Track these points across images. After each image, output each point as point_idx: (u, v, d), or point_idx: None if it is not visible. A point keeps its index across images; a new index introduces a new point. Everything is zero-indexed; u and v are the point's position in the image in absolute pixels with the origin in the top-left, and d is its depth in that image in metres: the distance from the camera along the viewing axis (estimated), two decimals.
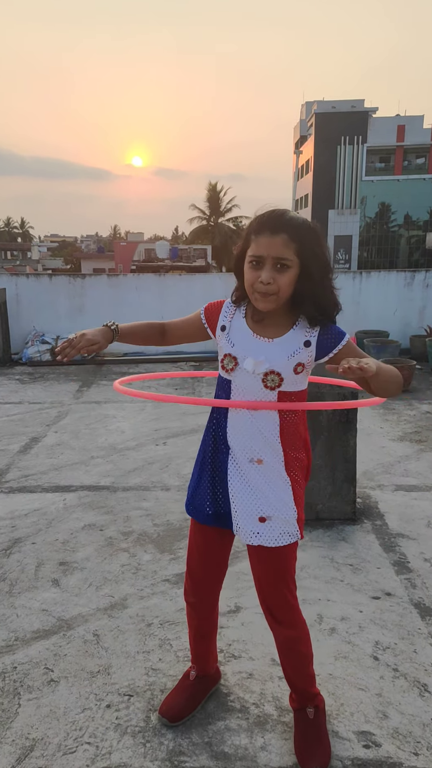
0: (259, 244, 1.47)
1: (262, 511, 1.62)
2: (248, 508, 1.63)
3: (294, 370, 1.56)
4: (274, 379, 1.55)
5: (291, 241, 1.46)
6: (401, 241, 37.16)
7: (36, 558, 2.93)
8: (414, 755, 1.78)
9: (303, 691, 1.82)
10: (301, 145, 45.73)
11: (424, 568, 2.80)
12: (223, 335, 1.63)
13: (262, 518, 1.62)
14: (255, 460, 1.61)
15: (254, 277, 1.49)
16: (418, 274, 8.39)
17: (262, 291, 1.48)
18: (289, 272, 1.47)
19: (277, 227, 1.46)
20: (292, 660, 1.79)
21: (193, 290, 8.31)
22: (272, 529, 1.62)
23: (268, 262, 1.46)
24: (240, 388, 1.60)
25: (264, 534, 1.62)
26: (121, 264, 28.23)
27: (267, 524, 1.62)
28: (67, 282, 8.46)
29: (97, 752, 1.80)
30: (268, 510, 1.62)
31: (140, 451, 4.48)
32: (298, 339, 1.56)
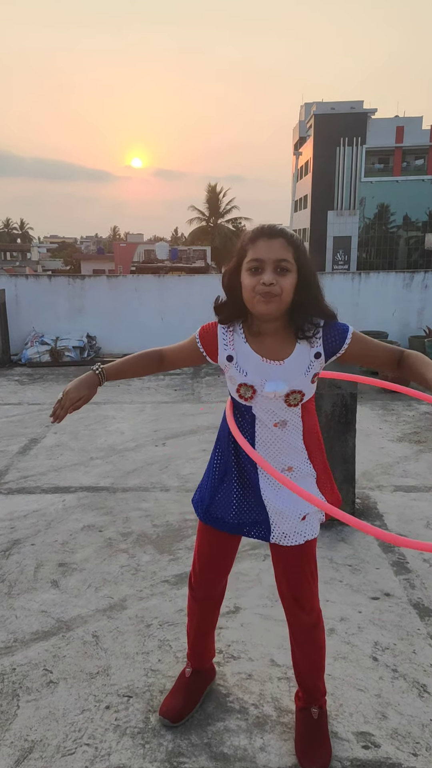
0: (257, 248, 1.47)
1: (303, 510, 1.67)
2: (290, 511, 1.66)
3: (311, 381, 1.59)
4: (297, 397, 1.58)
5: (288, 245, 1.47)
6: (400, 242, 37.18)
7: (35, 559, 2.93)
8: (413, 756, 1.78)
9: (313, 687, 1.83)
10: (300, 146, 45.76)
11: (423, 569, 2.80)
12: (232, 365, 1.60)
13: (304, 516, 1.67)
14: (286, 469, 1.65)
15: (255, 281, 1.46)
16: (417, 275, 8.40)
17: (265, 292, 1.45)
18: (289, 276, 1.47)
19: (273, 233, 1.48)
20: (308, 651, 1.80)
21: (193, 291, 8.31)
22: (310, 523, 1.69)
23: (269, 265, 1.46)
24: (263, 411, 1.61)
25: (305, 530, 1.68)
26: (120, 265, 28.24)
27: (307, 520, 1.68)
28: (67, 283, 8.46)
29: (96, 753, 1.80)
30: (306, 507, 1.67)
31: (139, 452, 4.47)
32: (307, 353, 1.55)
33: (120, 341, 8.44)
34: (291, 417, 1.61)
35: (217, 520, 1.75)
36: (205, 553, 1.83)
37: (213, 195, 47.81)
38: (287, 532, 1.68)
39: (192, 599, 1.92)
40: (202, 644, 1.98)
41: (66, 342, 8.03)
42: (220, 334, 1.61)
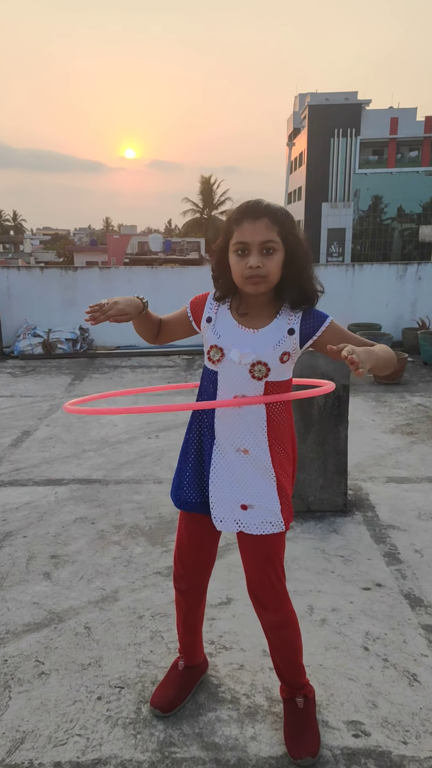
0: (242, 231, 1.48)
1: (244, 499, 1.64)
2: (230, 496, 1.64)
3: (280, 359, 1.57)
4: (261, 369, 1.56)
5: (273, 224, 1.47)
6: (394, 234, 37.17)
7: (27, 551, 2.93)
8: (403, 744, 1.79)
9: (291, 682, 1.83)
10: (294, 137, 45.57)
11: (414, 559, 2.82)
12: (209, 326, 1.63)
13: (244, 506, 1.64)
14: (241, 450, 1.62)
15: (242, 264, 1.49)
16: (411, 267, 8.40)
17: (251, 275, 1.48)
18: (276, 256, 1.49)
19: (257, 213, 1.48)
20: (280, 648, 1.79)
21: (186, 283, 8.28)
22: (254, 517, 1.64)
23: (255, 247, 1.47)
24: (227, 379, 1.60)
25: (245, 522, 1.65)
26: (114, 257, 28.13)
27: (249, 512, 1.64)
28: (59, 275, 8.41)
29: (87, 744, 1.80)
30: (250, 499, 1.63)
31: (132, 444, 4.47)
32: (281, 328, 1.57)
33: (112, 333, 8.41)
34: (253, 392, 1.58)
35: (184, 502, 1.74)
36: (184, 542, 1.82)
37: (207, 186, 47.58)
38: (224, 517, 1.65)
39: (177, 591, 1.91)
40: (191, 639, 1.98)
41: (58, 334, 8.00)
42: (208, 300, 1.66)
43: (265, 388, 1.58)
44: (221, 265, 1.59)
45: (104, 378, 6.79)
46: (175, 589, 1.91)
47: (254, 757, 1.75)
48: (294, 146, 43.63)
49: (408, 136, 40.36)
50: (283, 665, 1.82)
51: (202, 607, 1.95)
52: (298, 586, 2.58)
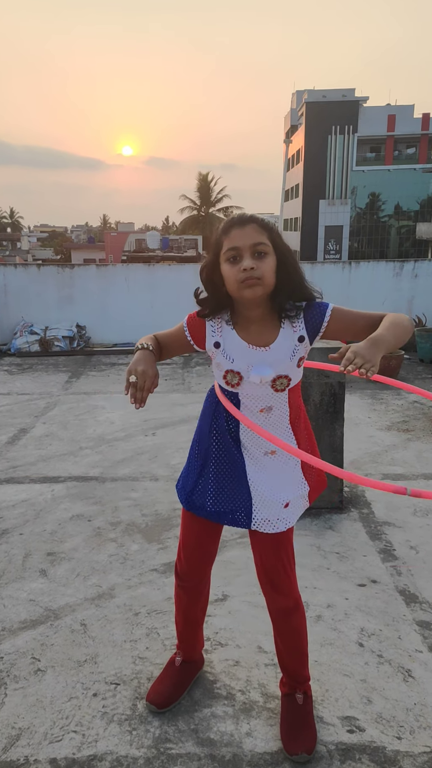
0: (231, 237, 1.48)
1: (286, 497, 1.67)
2: (274, 497, 1.66)
3: (297, 365, 1.59)
4: (283, 382, 1.58)
5: (262, 229, 1.48)
6: (392, 231, 37.20)
7: (23, 548, 2.93)
8: (397, 739, 1.80)
9: (295, 673, 1.84)
10: (292, 134, 45.50)
11: (409, 556, 2.83)
12: (219, 352, 1.60)
13: (287, 504, 1.68)
14: (269, 453, 1.66)
15: (236, 270, 1.47)
16: (407, 264, 8.40)
17: (246, 278, 1.46)
18: (268, 259, 1.48)
19: (244, 220, 1.49)
20: (288, 635, 1.81)
21: (183, 280, 8.27)
22: (293, 509, 1.70)
23: (246, 251, 1.47)
24: (249, 396, 1.61)
25: (288, 517, 1.69)
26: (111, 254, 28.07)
27: (290, 507, 1.69)
28: (56, 272, 8.39)
29: (83, 740, 1.81)
30: (290, 495, 1.68)
31: (129, 442, 4.47)
32: (290, 337, 1.56)
33: (110, 331, 8.41)
34: (277, 402, 1.61)
35: (199, 508, 1.75)
36: (189, 541, 1.84)
37: (204, 184, 47.53)
38: (270, 518, 1.68)
39: (179, 588, 1.92)
40: (191, 635, 1.99)
41: (55, 332, 7.99)
42: (208, 324, 1.62)
43: (288, 397, 1.62)
44: (211, 282, 1.56)
45: (101, 376, 6.79)
46: (177, 586, 1.92)
47: (249, 752, 1.76)
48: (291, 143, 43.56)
49: (405, 134, 40.36)
50: (288, 654, 1.83)
51: (203, 601, 1.97)
52: None
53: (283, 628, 1.81)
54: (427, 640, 2.23)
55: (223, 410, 1.67)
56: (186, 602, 1.93)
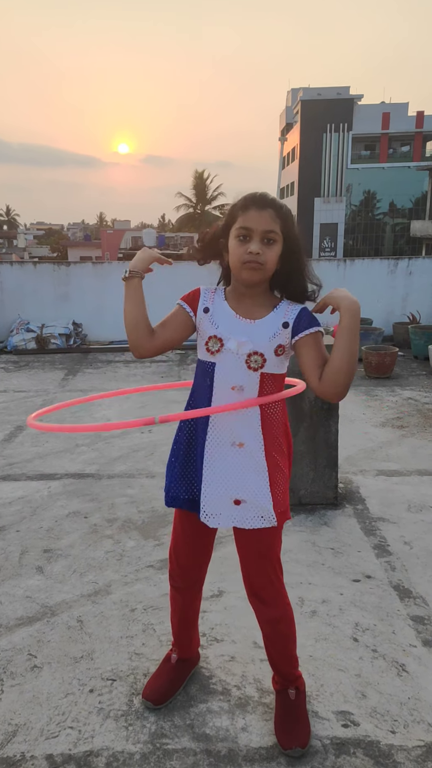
0: (247, 217, 1.50)
1: (237, 494, 1.64)
2: (222, 491, 1.64)
3: (275, 352, 1.58)
4: (257, 360, 1.57)
5: (277, 218, 1.51)
6: (386, 229, 37.25)
7: (20, 545, 2.93)
8: (391, 733, 1.82)
9: (286, 673, 1.85)
10: (286, 132, 45.49)
11: (403, 551, 2.84)
12: (206, 317, 1.63)
13: (237, 501, 1.64)
14: (237, 444, 1.62)
15: (243, 249, 1.51)
16: (402, 262, 8.43)
17: (250, 261, 1.50)
18: (275, 247, 1.52)
19: (264, 204, 1.51)
20: (276, 641, 1.81)
21: (179, 278, 8.23)
22: (247, 511, 1.65)
23: (257, 235, 1.50)
24: (223, 370, 1.60)
25: (238, 517, 1.65)
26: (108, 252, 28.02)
27: (242, 507, 1.64)
28: (52, 270, 8.38)
29: (79, 736, 1.82)
30: (243, 494, 1.64)
31: (125, 439, 4.48)
32: (277, 321, 1.58)
33: (106, 328, 8.40)
34: (249, 383, 1.58)
35: (174, 499, 1.74)
36: (179, 539, 1.83)
37: (200, 181, 47.47)
38: (214, 512, 1.65)
39: (173, 588, 1.92)
40: (186, 634, 1.99)
41: (52, 329, 7.98)
42: (202, 292, 1.66)
43: (260, 380, 1.59)
44: (213, 247, 1.62)
45: (98, 373, 6.79)
46: (171, 586, 1.92)
47: (245, 747, 1.77)
48: (286, 141, 43.59)
49: (400, 131, 40.40)
50: (277, 657, 1.84)
51: (198, 601, 1.97)
52: (289, 579, 2.59)
53: (270, 636, 1.81)
54: (420, 635, 2.24)
55: (203, 395, 1.65)
56: (181, 603, 1.93)
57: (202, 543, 1.83)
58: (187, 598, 1.92)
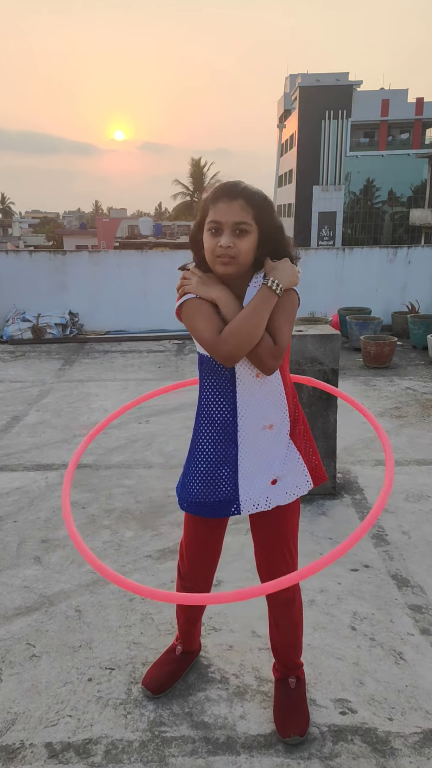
0: (217, 210, 1.48)
1: (274, 473, 1.64)
2: (260, 474, 1.63)
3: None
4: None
5: (248, 207, 1.47)
6: (385, 217, 37.09)
7: (18, 536, 2.93)
8: (389, 720, 1.83)
9: (288, 661, 1.86)
10: (285, 119, 45.07)
11: (401, 541, 2.85)
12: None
13: (274, 480, 1.65)
14: (267, 426, 1.63)
15: (214, 243, 1.49)
16: (400, 251, 8.39)
17: (221, 254, 1.47)
18: (248, 237, 1.48)
19: (233, 194, 1.47)
20: (284, 626, 1.81)
21: (176, 267, 8.20)
22: (283, 487, 1.66)
23: (227, 227, 1.47)
24: (242, 363, 1.58)
25: (274, 495, 1.65)
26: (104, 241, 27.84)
27: (278, 485, 1.65)
28: (48, 259, 8.32)
29: (78, 724, 1.82)
30: (279, 470, 1.65)
31: (123, 430, 4.47)
32: (253, 292, 1.55)
33: (102, 318, 8.36)
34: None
35: (193, 504, 1.70)
36: (191, 541, 1.82)
37: (197, 169, 47.13)
38: (255, 498, 1.64)
39: (181, 588, 1.91)
40: (191, 629, 2.00)
41: (48, 319, 7.93)
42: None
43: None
44: (196, 246, 1.59)
45: (94, 363, 6.76)
46: (180, 586, 1.91)
47: (243, 735, 1.78)
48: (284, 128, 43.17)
49: (399, 119, 40.07)
50: (282, 643, 1.84)
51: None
52: None
53: (281, 621, 1.81)
54: (418, 624, 2.25)
55: (225, 387, 1.61)
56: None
57: (211, 544, 1.82)
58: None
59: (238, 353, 1.47)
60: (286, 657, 1.86)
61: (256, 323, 1.47)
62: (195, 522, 1.77)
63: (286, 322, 1.52)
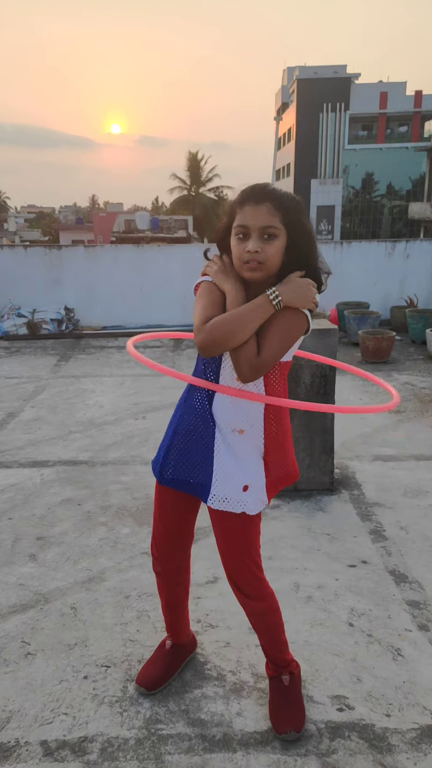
0: (244, 214, 1.44)
1: (246, 479, 1.62)
2: (234, 477, 1.61)
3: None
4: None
5: (276, 210, 1.43)
6: (384, 211, 36.99)
7: (12, 533, 2.91)
8: (386, 716, 1.82)
9: (277, 659, 1.85)
10: (282, 112, 44.88)
11: (399, 536, 2.84)
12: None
13: (245, 487, 1.62)
14: (237, 431, 1.60)
15: (241, 248, 1.45)
16: (399, 245, 8.36)
17: (249, 260, 1.44)
18: (276, 242, 1.45)
19: (261, 197, 1.44)
20: (264, 630, 1.81)
21: (173, 262, 8.19)
22: (252, 496, 1.63)
23: (255, 231, 1.43)
24: (229, 362, 1.56)
25: (246, 502, 1.62)
26: (100, 235, 27.69)
27: (248, 493, 1.62)
28: (43, 254, 8.27)
29: (74, 722, 1.81)
30: (248, 478, 1.62)
31: (119, 426, 4.45)
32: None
33: (98, 313, 8.32)
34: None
35: (171, 481, 1.70)
36: (158, 525, 1.81)
37: (194, 163, 46.92)
38: (227, 497, 1.62)
39: (156, 574, 1.91)
40: (176, 619, 1.98)
41: (43, 314, 7.90)
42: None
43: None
44: (222, 246, 1.56)
45: (90, 359, 6.74)
46: (155, 571, 1.91)
47: (239, 732, 1.77)
48: (282, 121, 43.00)
49: (397, 111, 39.91)
50: (266, 644, 1.84)
51: (183, 587, 1.94)
52: (285, 564, 2.59)
53: (258, 626, 1.81)
54: (416, 619, 2.24)
55: (202, 379, 1.61)
56: (165, 588, 1.91)
57: (180, 528, 1.81)
58: (169, 583, 1.90)
59: (213, 348, 1.43)
60: (273, 656, 1.85)
61: (241, 325, 1.42)
62: (162, 504, 1.78)
63: (278, 339, 1.46)
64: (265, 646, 1.84)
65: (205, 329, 1.43)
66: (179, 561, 1.88)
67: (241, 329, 1.42)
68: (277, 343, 1.46)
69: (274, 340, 1.46)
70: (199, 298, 1.53)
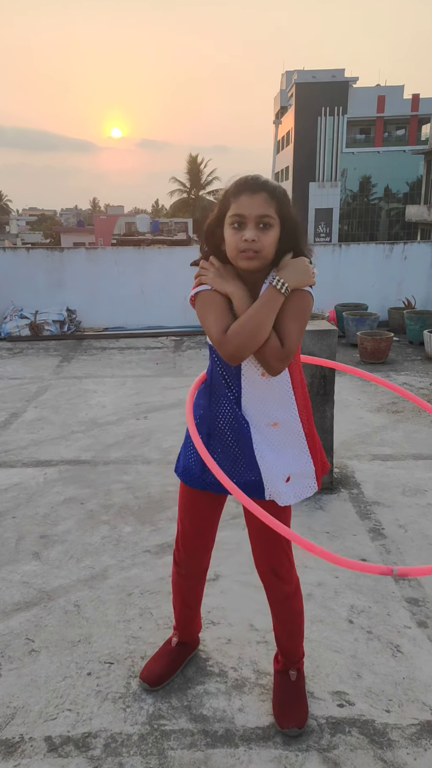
0: (240, 203, 1.46)
1: (288, 470, 1.64)
2: (277, 469, 1.62)
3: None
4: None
5: (271, 199, 1.46)
6: (382, 214, 37.09)
7: (16, 532, 2.94)
8: (386, 712, 1.84)
9: (291, 653, 1.87)
10: (281, 116, 44.97)
11: (398, 534, 2.87)
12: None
13: (288, 478, 1.64)
14: (271, 424, 1.61)
15: (237, 238, 1.46)
16: (397, 247, 8.39)
17: (246, 249, 1.45)
18: (271, 231, 1.47)
19: (256, 187, 1.46)
20: (286, 618, 1.82)
21: (173, 264, 8.22)
22: (295, 486, 1.66)
23: (251, 221, 1.45)
24: (249, 361, 1.56)
25: (288, 493, 1.64)
26: (101, 238, 27.74)
27: (291, 483, 1.65)
28: (45, 256, 8.30)
29: (77, 718, 1.83)
30: (290, 468, 1.65)
31: (121, 426, 4.47)
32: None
33: (100, 315, 8.35)
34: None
35: (212, 484, 1.67)
36: (186, 527, 1.82)
37: (194, 166, 47.03)
38: (275, 491, 1.63)
39: (177, 575, 1.92)
40: (189, 618, 2.01)
41: (45, 316, 7.93)
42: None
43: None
44: (212, 239, 1.55)
45: (92, 360, 6.76)
46: (176, 573, 1.92)
47: (241, 727, 1.79)
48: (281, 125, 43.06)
49: (395, 115, 40.04)
50: (285, 634, 1.85)
51: (201, 587, 1.97)
52: None
53: (283, 614, 1.82)
54: (415, 616, 2.27)
55: (223, 382, 1.61)
56: (185, 588, 1.93)
57: (207, 531, 1.83)
58: (192, 583, 1.92)
59: (242, 353, 1.46)
60: (289, 649, 1.87)
61: (260, 324, 1.44)
62: (189, 507, 1.78)
63: (295, 323, 1.48)
64: (281, 636, 1.86)
65: (228, 340, 1.45)
66: (205, 562, 1.90)
67: (261, 328, 1.44)
68: (296, 328, 1.49)
69: (293, 326, 1.48)
70: (205, 310, 1.51)
